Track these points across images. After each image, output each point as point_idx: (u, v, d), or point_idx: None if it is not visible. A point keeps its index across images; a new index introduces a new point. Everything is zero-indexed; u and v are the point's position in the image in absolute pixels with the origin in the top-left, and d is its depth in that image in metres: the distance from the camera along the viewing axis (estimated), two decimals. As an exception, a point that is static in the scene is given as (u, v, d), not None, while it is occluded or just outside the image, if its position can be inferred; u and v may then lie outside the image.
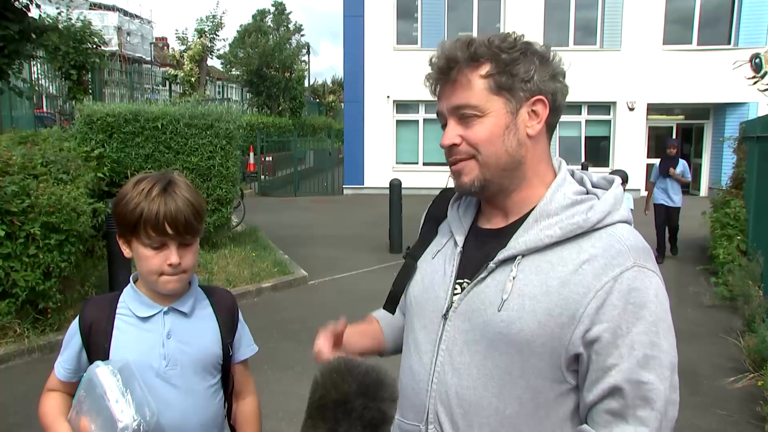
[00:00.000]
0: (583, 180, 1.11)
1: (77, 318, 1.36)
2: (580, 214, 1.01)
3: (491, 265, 1.04)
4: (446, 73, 1.04)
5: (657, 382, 0.94)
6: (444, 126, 1.10)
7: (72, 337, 1.36)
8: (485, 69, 1.02)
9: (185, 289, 1.38)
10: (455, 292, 1.09)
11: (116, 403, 1.16)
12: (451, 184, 1.14)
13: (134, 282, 1.39)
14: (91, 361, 1.31)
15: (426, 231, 1.25)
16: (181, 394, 1.33)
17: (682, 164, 8.09)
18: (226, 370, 1.44)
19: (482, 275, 1.05)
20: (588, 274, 0.96)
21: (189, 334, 1.36)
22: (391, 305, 1.25)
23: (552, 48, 1.07)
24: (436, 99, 1.11)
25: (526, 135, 1.05)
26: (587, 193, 1.08)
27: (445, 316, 1.08)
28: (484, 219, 1.15)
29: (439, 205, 1.26)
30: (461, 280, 1.09)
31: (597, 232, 1.00)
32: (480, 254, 1.09)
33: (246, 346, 1.49)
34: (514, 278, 1.00)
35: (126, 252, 1.33)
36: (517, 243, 1.03)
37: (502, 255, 1.04)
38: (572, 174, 1.12)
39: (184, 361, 1.34)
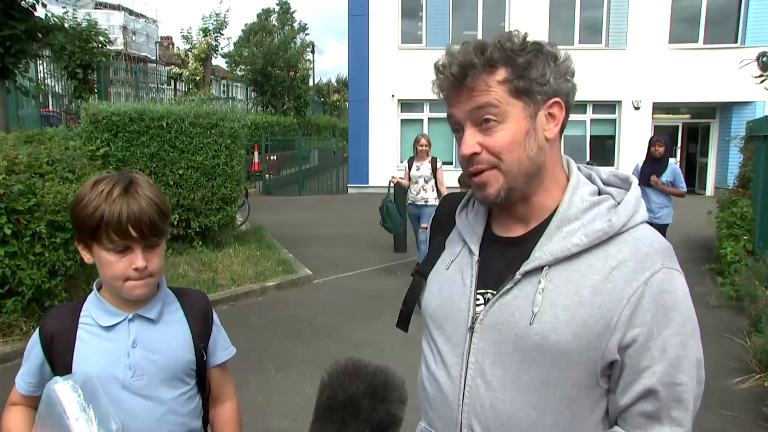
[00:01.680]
0: (593, 177, 1.10)
1: (38, 329, 1.30)
2: (602, 218, 1.01)
3: (517, 276, 1.02)
4: (461, 80, 1.00)
5: (689, 381, 0.96)
6: (456, 131, 1.06)
7: (32, 350, 1.29)
8: (502, 74, 1.00)
9: (153, 293, 1.31)
10: (477, 303, 1.06)
11: (76, 422, 1.12)
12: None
13: (98, 289, 1.32)
14: (55, 372, 1.26)
15: (434, 245, 1.21)
16: (150, 404, 1.27)
17: (672, 170, 6.05)
18: (201, 375, 1.37)
19: (508, 286, 1.03)
20: (619, 281, 0.96)
21: (156, 341, 1.29)
22: (403, 323, 1.21)
23: (558, 46, 1.05)
24: (445, 103, 1.07)
25: (544, 138, 1.03)
26: (599, 191, 1.07)
27: (471, 329, 1.05)
28: (498, 226, 1.11)
29: (443, 216, 1.23)
30: (483, 291, 1.07)
31: (621, 236, 1.00)
32: (500, 264, 1.06)
33: (222, 349, 1.42)
34: (543, 290, 0.99)
35: (87, 258, 1.26)
36: (543, 253, 1.01)
37: (528, 266, 1.01)
38: (579, 170, 1.11)
39: (151, 371, 1.27)
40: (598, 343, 0.96)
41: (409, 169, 6.96)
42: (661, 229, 6.02)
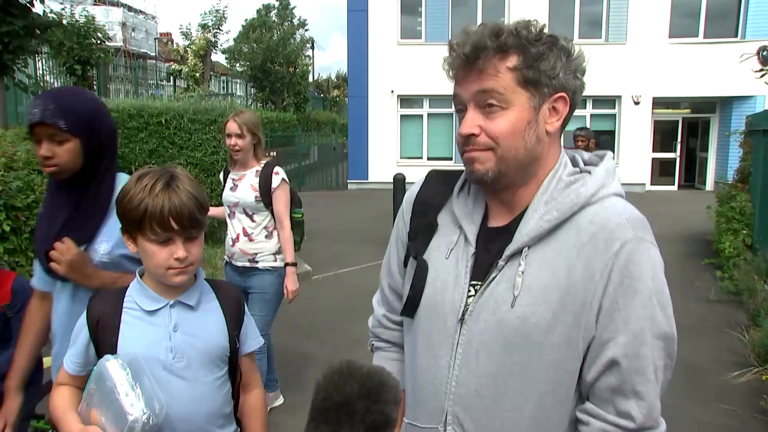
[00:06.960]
0: (575, 159, 1.11)
1: (84, 312, 1.37)
2: (574, 191, 1.02)
3: (500, 263, 1.03)
4: (472, 62, 1.00)
5: (651, 354, 0.95)
6: (459, 111, 1.06)
7: (80, 332, 1.37)
8: (513, 61, 1.00)
9: (191, 282, 1.40)
10: (469, 294, 1.07)
11: (126, 397, 1.18)
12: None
13: (140, 276, 1.40)
14: (99, 355, 1.33)
15: (427, 223, 1.16)
16: (188, 386, 1.34)
17: None
18: (233, 363, 1.45)
19: (493, 275, 1.04)
20: (592, 255, 0.97)
21: (196, 326, 1.38)
22: (410, 310, 1.15)
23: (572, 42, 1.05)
24: (452, 81, 1.07)
25: (545, 131, 1.04)
26: (581, 171, 1.08)
27: (461, 320, 1.06)
28: (490, 216, 1.12)
29: (430, 191, 1.19)
30: (475, 282, 1.07)
31: (593, 207, 1.00)
32: (489, 255, 1.07)
33: (252, 338, 1.51)
34: (522, 272, 1.00)
35: (131, 248, 1.35)
36: (521, 235, 1.03)
37: (509, 251, 1.03)
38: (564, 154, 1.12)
39: (191, 354, 1.35)
40: (577, 321, 0.96)
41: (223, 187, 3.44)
42: None
